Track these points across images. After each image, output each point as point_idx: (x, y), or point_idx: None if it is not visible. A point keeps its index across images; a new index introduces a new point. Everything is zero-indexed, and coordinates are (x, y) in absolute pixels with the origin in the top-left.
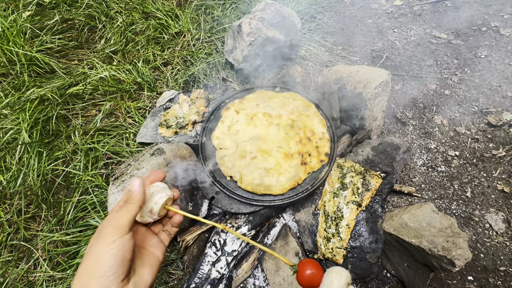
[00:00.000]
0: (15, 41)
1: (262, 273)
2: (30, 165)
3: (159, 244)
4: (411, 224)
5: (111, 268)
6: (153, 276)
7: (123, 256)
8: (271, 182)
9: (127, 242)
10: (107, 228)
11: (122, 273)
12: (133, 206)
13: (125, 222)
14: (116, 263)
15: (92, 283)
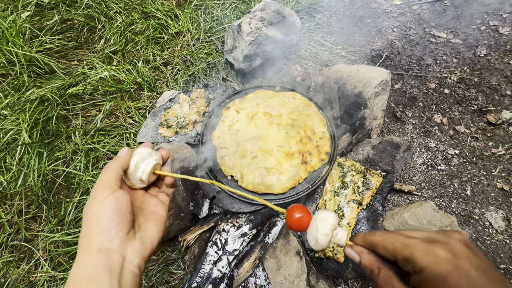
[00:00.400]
0: (15, 41)
1: (263, 272)
2: (31, 165)
3: (160, 203)
4: (411, 222)
5: (111, 221)
6: (159, 232)
7: (120, 210)
8: (271, 181)
9: (121, 197)
10: (97, 188)
11: (124, 226)
12: (117, 163)
13: (112, 178)
14: (115, 215)
15: (94, 239)
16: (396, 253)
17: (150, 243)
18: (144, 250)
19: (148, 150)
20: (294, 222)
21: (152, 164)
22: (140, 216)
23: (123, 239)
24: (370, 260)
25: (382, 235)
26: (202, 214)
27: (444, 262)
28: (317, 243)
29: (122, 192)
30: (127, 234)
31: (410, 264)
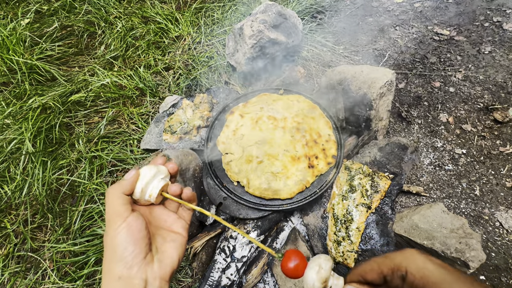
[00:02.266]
0: (15, 49)
1: (272, 278)
2: (35, 174)
3: (178, 221)
4: (421, 225)
5: (126, 249)
6: (179, 252)
7: (134, 237)
8: (278, 186)
9: (133, 223)
10: (108, 217)
11: (140, 252)
12: (119, 189)
13: (119, 205)
14: (128, 243)
15: (114, 267)
16: (382, 268)
17: (170, 264)
18: (163, 272)
19: (153, 171)
20: (289, 270)
21: (159, 187)
22: (157, 237)
23: (140, 264)
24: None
25: (364, 264)
26: (209, 220)
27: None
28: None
29: (134, 216)
30: (145, 258)
31: (397, 273)
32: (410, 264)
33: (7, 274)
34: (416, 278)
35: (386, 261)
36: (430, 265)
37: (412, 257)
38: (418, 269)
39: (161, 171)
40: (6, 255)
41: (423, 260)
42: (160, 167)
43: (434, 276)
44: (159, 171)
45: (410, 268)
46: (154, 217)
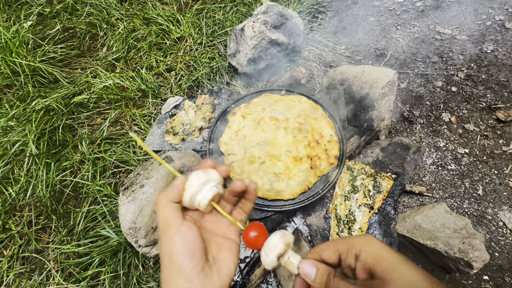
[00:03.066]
0: (18, 52)
1: (274, 279)
2: (39, 176)
3: (231, 226)
4: (424, 225)
5: (183, 262)
6: (235, 261)
7: (189, 247)
8: (281, 187)
9: (187, 233)
10: (161, 230)
11: (197, 263)
12: (168, 198)
13: (170, 215)
14: (185, 256)
15: (175, 280)
16: (338, 246)
17: (228, 274)
18: (223, 283)
19: (202, 179)
20: (249, 240)
21: (209, 197)
22: (212, 244)
23: (199, 277)
24: (325, 267)
25: (322, 243)
26: None
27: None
28: (267, 264)
29: (187, 225)
30: (203, 270)
31: (351, 251)
32: (365, 245)
33: (12, 275)
34: (369, 256)
35: (343, 241)
36: (384, 248)
37: (367, 240)
38: (372, 249)
39: (212, 178)
40: (11, 256)
41: (378, 243)
42: (210, 173)
43: (385, 255)
44: (209, 178)
45: (364, 248)
46: (207, 221)
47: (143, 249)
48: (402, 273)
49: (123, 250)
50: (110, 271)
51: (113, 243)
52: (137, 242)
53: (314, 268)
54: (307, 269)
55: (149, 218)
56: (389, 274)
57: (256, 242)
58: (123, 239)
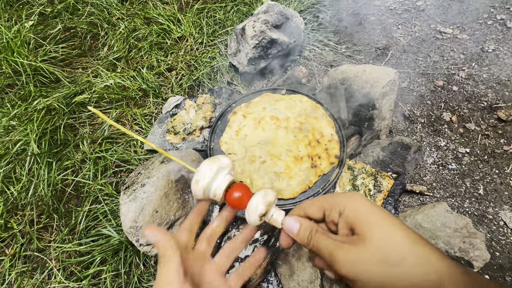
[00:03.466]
0: (20, 51)
1: (275, 278)
2: (40, 175)
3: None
4: (425, 224)
5: None
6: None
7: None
8: (281, 186)
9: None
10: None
11: None
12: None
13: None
14: None
15: None
16: (323, 203)
17: None
18: None
19: (215, 168)
20: (233, 201)
21: (225, 185)
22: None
23: None
24: (308, 222)
25: (308, 200)
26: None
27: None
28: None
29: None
30: None
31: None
32: (349, 201)
33: (14, 274)
34: (350, 213)
35: (329, 198)
36: (367, 203)
37: (352, 197)
38: (355, 205)
39: (224, 165)
40: (13, 255)
41: (362, 200)
42: (221, 160)
43: (366, 211)
44: (221, 166)
45: (348, 204)
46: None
47: (144, 248)
48: (381, 229)
49: (124, 249)
50: (111, 269)
51: (114, 242)
52: (138, 241)
53: (297, 224)
54: (291, 224)
55: (150, 217)
56: (368, 230)
57: (240, 203)
58: (124, 238)
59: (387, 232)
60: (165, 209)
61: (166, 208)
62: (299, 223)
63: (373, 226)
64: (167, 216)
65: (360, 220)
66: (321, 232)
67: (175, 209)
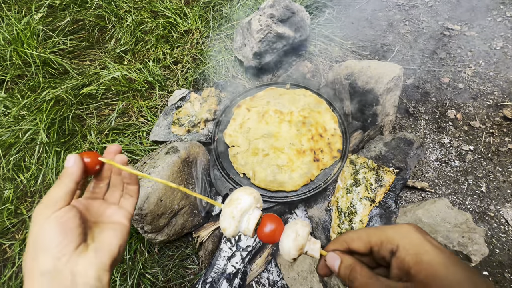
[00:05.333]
0: (29, 43)
1: (276, 268)
2: (49, 164)
3: (119, 211)
4: (425, 219)
5: (52, 240)
6: (119, 240)
7: (64, 226)
8: (284, 179)
9: (66, 213)
10: (40, 206)
11: (71, 241)
12: (66, 181)
13: (57, 197)
14: (57, 233)
15: (38, 262)
16: (371, 238)
17: (108, 252)
18: (100, 260)
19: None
20: (265, 235)
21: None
22: (94, 229)
23: (71, 254)
24: (350, 260)
25: (352, 231)
26: (215, 211)
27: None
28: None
29: (66, 208)
30: (76, 249)
31: (387, 246)
32: (404, 239)
33: None
34: (409, 254)
35: (377, 232)
36: (427, 245)
37: (407, 233)
38: (412, 246)
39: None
40: (22, 240)
41: (420, 238)
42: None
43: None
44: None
45: (403, 244)
46: (91, 212)
47: (148, 235)
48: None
49: (129, 236)
50: None
51: None
52: (143, 228)
53: (338, 260)
54: (330, 261)
55: (155, 206)
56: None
57: (272, 239)
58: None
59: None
60: (169, 198)
61: (170, 198)
62: (340, 259)
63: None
64: (171, 205)
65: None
66: (367, 273)
67: (179, 199)
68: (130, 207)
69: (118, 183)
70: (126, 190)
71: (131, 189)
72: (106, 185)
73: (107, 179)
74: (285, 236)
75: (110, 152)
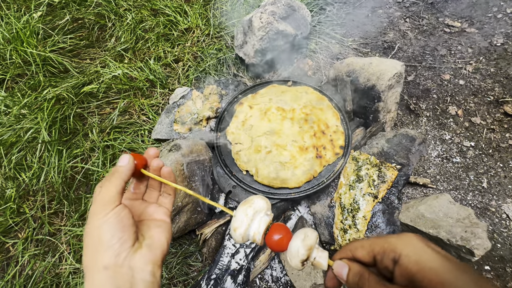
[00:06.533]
0: (29, 41)
1: (279, 264)
2: (51, 163)
3: (160, 209)
4: (428, 215)
5: (113, 236)
6: (167, 236)
7: (122, 223)
8: (286, 176)
9: (120, 211)
10: (95, 206)
11: (128, 238)
12: (119, 179)
13: (111, 195)
14: (117, 229)
15: (100, 257)
16: (374, 246)
17: (160, 248)
18: (154, 256)
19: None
20: (273, 243)
21: (263, 229)
22: (141, 226)
23: (129, 251)
24: (358, 267)
25: (356, 241)
26: (218, 208)
27: (415, 240)
28: (297, 257)
29: (120, 207)
30: (133, 246)
31: (389, 254)
32: (406, 247)
33: (27, 256)
34: (411, 262)
35: (380, 241)
36: (429, 252)
37: (409, 241)
38: (414, 253)
39: (260, 208)
40: (25, 239)
41: (422, 246)
42: (256, 202)
43: (432, 262)
44: (257, 210)
45: (405, 252)
46: (135, 211)
47: None
48: (454, 285)
49: None
50: None
51: None
52: None
53: (346, 268)
54: (338, 270)
55: None
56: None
57: (280, 246)
58: None
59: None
60: None
61: None
62: (347, 267)
63: (447, 285)
64: (174, 202)
65: (425, 275)
66: (375, 280)
67: (183, 196)
68: (169, 205)
69: (156, 184)
70: (164, 189)
71: (168, 188)
72: (145, 186)
73: (146, 181)
74: (294, 240)
75: (150, 156)
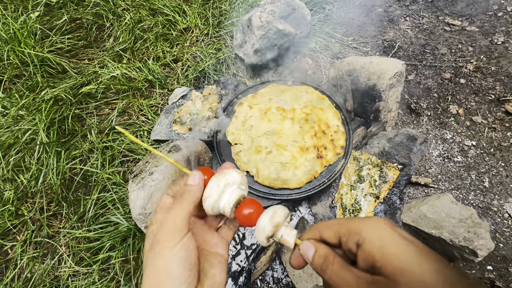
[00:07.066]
0: (26, 42)
1: (280, 266)
2: (49, 164)
3: (221, 241)
4: (430, 215)
5: (181, 276)
6: (225, 277)
7: (190, 260)
8: (287, 176)
9: (190, 242)
10: (163, 233)
11: (194, 279)
12: (189, 202)
13: (182, 221)
14: (185, 268)
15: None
16: (340, 228)
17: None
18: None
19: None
20: (243, 217)
21: (233, 200)
22: (202, 260)
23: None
24: (324, 249)
25: (325, 221)
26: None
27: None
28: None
29: (189, 235)
30: (196, 286)
31: (353, 237)
32: (371, 232)
33: (26, 259)
34: (374, 247)
35: (347, 222)
36: (395, 236)
37: (376, 225)
38: (379, 238)
39: (232, 180)
40: (24, 241)
41: (388, 230)
42: (228, 174)
43: (395, 248)
44: (228, 182)
45: (369, 236)
46: (196, 233)
47: None
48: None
49: (133, 235)
50: (120, 256)
51: (123, 229)
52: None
53: (312, 249)
54: (305, 250)
55: None
56: (399, 275)
57: (249, 221)
58: (133, 225)
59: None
60: None
61: None
62: (314, 248)
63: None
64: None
65: (388, 262)
66: (339, 263)
67: None
68: (230, 237)
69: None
70: (229, 221)
71: (234, 220)
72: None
73: None
74: (262, 216)
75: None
